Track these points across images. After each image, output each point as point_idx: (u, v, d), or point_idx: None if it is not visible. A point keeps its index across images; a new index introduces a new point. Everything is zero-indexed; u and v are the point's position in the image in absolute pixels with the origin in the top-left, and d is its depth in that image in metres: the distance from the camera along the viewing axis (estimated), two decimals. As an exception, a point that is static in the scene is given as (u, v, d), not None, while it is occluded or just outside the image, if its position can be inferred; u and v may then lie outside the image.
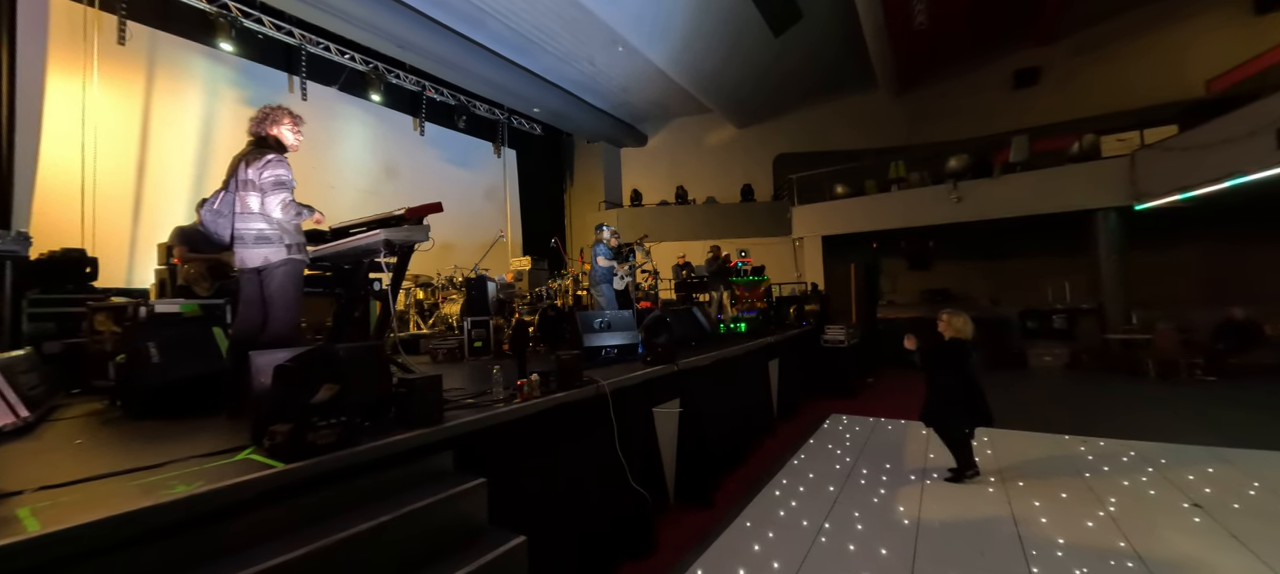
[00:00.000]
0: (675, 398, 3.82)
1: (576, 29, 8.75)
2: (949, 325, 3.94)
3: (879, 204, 10.94)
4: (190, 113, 6.92)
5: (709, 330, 5.68)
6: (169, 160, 6.61)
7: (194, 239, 4.09)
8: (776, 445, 5.15)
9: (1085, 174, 9.00)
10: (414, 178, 9.73)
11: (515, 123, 11.97)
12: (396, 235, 2.89)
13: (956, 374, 3.88)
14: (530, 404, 2.55)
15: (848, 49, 10.80)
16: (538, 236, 11.45)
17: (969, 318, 3.96)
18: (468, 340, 5.07)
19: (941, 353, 3.97)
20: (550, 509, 2.55)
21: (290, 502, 1.68)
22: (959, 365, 3.88)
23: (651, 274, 8.19)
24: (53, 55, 5.73)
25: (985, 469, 4.16)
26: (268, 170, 2.62)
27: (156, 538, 1.37)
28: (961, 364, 3.87)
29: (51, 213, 5.57)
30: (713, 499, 3.80)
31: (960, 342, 3.90)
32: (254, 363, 2.03)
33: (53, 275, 4.36)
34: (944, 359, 3.95)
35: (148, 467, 1.75)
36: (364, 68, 8.72)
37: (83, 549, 1.25)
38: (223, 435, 2.17)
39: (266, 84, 7.67)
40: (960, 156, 10.10)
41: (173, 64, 6.76)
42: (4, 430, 2.33)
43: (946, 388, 3.94)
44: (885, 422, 5.83)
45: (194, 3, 6.79)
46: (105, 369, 3.23)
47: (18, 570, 1.16)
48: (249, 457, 1.83)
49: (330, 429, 1.82)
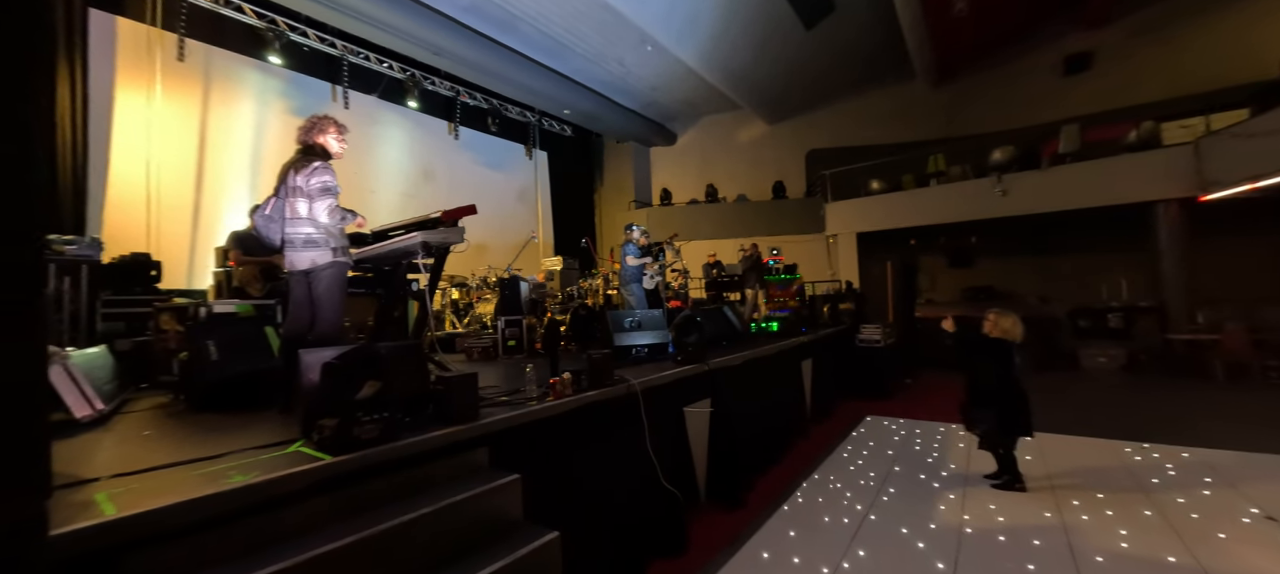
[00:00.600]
0: (706, 397, 3.81)
1: (605, 30, 8.81)
2: (995, 325, 3.75)
3: (917, 199, 10.58)
4: (243, 123, 7.31)
5: (740, 330, 5.62)
6: (224, 169, 7.00)
7: (248, 243, 4.32)
8: (810, 447, 5.06)
9: (1144, 164, 8.46)
10: (450, 181, 10.00)
11: (546, 125, 12.15)
12: (433, 237, 2.99)
13: (997, 373, 3.71)
14: (563, 402, 2.59)
15: (883, 39, 10.49)
16: (568, 237, 11.58)
17: (1018, 319, 3.76)
18: (501, 339, 5.18)
19: (980, 347, 3.78)
20: (582, 506, 2.59)
21: (337, 493, 1.76)
22: (1001, 365, 3.70)
23: (681, 273, 8.16)
24: (120, 74, 6.16)
25: (1033, 476, 3.97)
26: (314, 177, 2.75)
27: (218, 524, 1.46)
28: (1004, 365, 3.70)
29: (120, 220, 5.99)
30: (744, 500, 3.76)
31: (1004, 343, 3.72)
32: (303, 360, 2.13)
33: (122, 278, 4.68)
34: (982, 354, 3.77)
35: (208, 457, 1.87)
36: (401, 75, 9.02)
37: (153, 533, 1.35)
38: (275, 429, 2.29)
39: (312, 94, 8.02)
40: (1005, 148, 9.66)
41: (227, 78, 7.15)
42: (82, 421, 2.52)
43: (980, 386, 3.78)
44: (924, 424, 5.65)
45: (246, 19, 7.16)
46: (170, 365, 3.45)
47: (96, 551, 1.26)
48: (299, 449, 1.92)
49: (373, 424, 1.90)
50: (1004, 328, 3.71)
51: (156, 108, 6.36)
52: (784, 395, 5.32)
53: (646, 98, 11.95)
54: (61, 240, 4.46)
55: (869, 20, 9.93)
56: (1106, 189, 8.62)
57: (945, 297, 11.52)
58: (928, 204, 10.38)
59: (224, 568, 1.40)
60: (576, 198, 13.11)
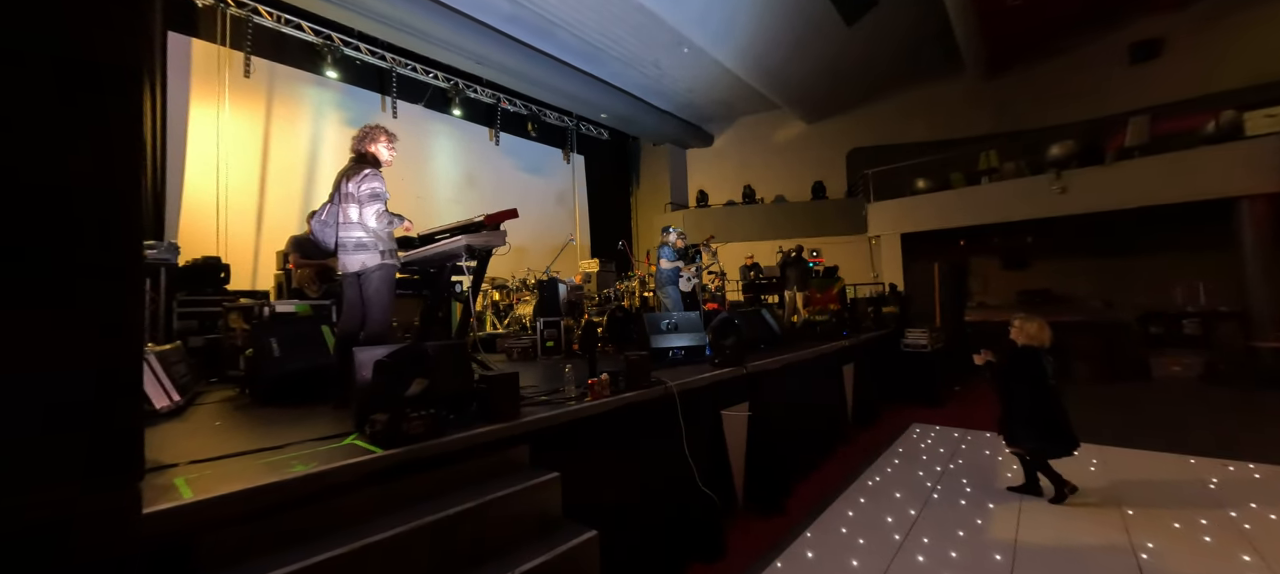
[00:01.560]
0: (744, 401, 3.76)
1: (641, 33, 8.86)
2: (1021, 331, 3.61)
3: (967, 198, 10.11)
4: (301, 133, 7.75)
5: (779, 333, 5.53)
6: (284, 176, 7.44)
7: (305, 247, 4.58)
8: (853, 454, 4.92)
9: (1225, 156, 7.79)
10: (491, 186, 10.28)
11: (583, 129, 12.31)
12: (477, 240, 3.08)
13: (1029, 387, 3.54)
14: (601, 403, 2.62)
15: (929, 32, 10.10)
16: (605, 239, 11.68)
17: (1045, 323, 3.60)
18: (540, 340, 5.28)
19: (1012, 367, 3.64)
20: (620, 506, 2.60)
21: (387, 485, 1.84)
22: (1032, 377, 3.53)
23: (718, 275, 8.10)
24: (194, 90, 6.65)
25: (1099, 493, 3.73)
26: (365, 183, 2.89)
27: (282, 510, 1.56)
28: (1035, 375, 3.52)
29: (193, 225, 6.46)
30: (784, 506, 3.69)
31: (1032, 350, 3.55)
32: (357, 358, 2.24)
33: (195, 279, 5.04)
34: (1015, 372, 3.62)
35: (272, 447, 2.00)
36: (445, 85, 9.35)
37: (225, 516, 1.45)
38: (331, 422, 2.42)
39: (363, 104, 8.43)
40: (1064, 143, 9.11)
41: (287, 92, 7.61)
42: (161, 412, 2.74)
43: (1018, 402, 3.61)
44: (975, 433, 5.39)
45: (304, 36, 7.60)
46: (237, 361, 3.70)
47: (176, 530, 1.36)
48: (353, 442, 2.03)
49: (420, 420, 1.98)
50: (1029, 333, 3.57)
51: (225, 121, 6.84)
52: (824, 400, 5.20)
53: (682, 100, 11.93)
54: (144, 245, 4.85)
55: (914, 13, 9.58)
56: (1182, 185, 7.99)
57: (998, 299, 10.96)
58: (979, 203, 9.90)
59: (287, 551, 1.48)
60: (613, 201, 13.23)
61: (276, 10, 7.24)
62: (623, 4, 7.83)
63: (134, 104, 1.04)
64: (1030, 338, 3.57)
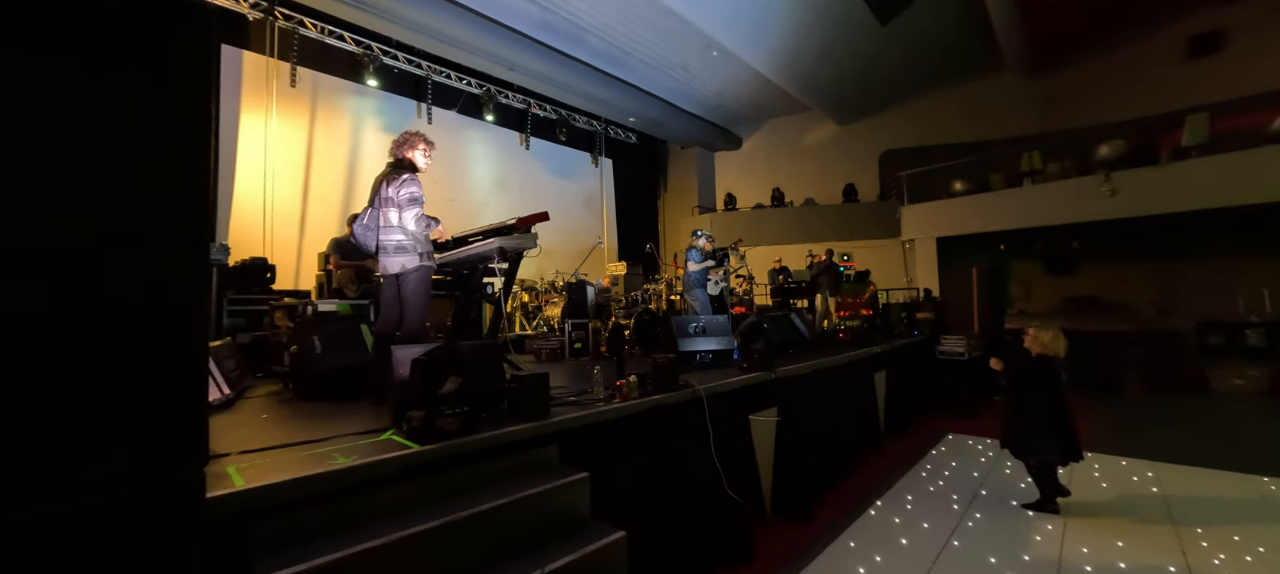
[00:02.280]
0: (773, 406, 3.72)
1: (671, 37, 8.88)
2: (1035, 340, 3.56)
3: (1007, 200, 9.74)
4: (342, 140, 8.06)
5: (808, 338, 5.44)
6: (326, 181, 7.75)
7: (345, 249, 4.76)
8: (884, 463, 4.79)
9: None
10: (521, 189, 10.46)
11: (612, 133, 12.40)
12: (509, 243, 3.15)
13: (1043, 396, 3.48)
14: (629, 405, 2.64)
15: (967, 30, 9.79)
16: (633, 242, 11.72)
17: (1060, 332, 3.55)
18: (568, 341, 5.34)
19: (1028, 373, 3.58)
20: (647, 509, 2.61)
21: (422, 479, 1.90)
22: (1046, 386, 3.47)
23: (746, 279, 8.02)
24: (244, 99, 7.01)
25: (1152, 510, 3.53)
26: (403, 188, 2.99)
27: (325, 500, 1.63)
28: (1048, 385, 3.47)
29: (242, 228, 6.80)
30: (812, 514, 3.63)
31: (1047, 359, 3.50)
32: (395, 356, 2.32)
33: (244, 279, 5.30)
34: (1030, 379, 3.56)
35: (315, 440, 2.08)
36: (478, 91, 9.57)
37: (274, 504, 1.53)
38: (369, 417, 2.51)
39: (400, 111, 8.71)
40: (1114, 142, 8.68)
41: (330, 100, 7.93)
42: (213, 404, 2.89)
43: (1030, 411, 3.54)
44: (1016, 445, 5.18)
45: (346, 46, 7.91)
46: (282, 357, 3.86)
47: (230, 515, 1.44)
48: (390, 437, 2.10)
49: (454, 418, 2.03)
50: (1044, 342, 3.52)
51: (272, 128, 7.17)
52: (855, 408, 5.09)
53: (711, 103, 11.89)
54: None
55: (951, 10, 9.31)
56: (1245, 186, 7.51)
57: (1041, 306, 10.51)
58: (1020, 205, 9.53)
59: (331, 540, 1.55)
60: (640, 204, 13.27)
61: (321, 22, 7.55)
62: (652, 8, 7.87)
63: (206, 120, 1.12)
64: (1045, 347, 3.53)
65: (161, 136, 1.05)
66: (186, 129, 1.07)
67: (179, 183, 1.06)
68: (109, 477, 0.97)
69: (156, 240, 1.05)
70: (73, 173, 0.95)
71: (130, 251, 1.00)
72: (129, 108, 1.01)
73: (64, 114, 0.95)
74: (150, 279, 1.03)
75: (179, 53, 1.06)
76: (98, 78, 0.97)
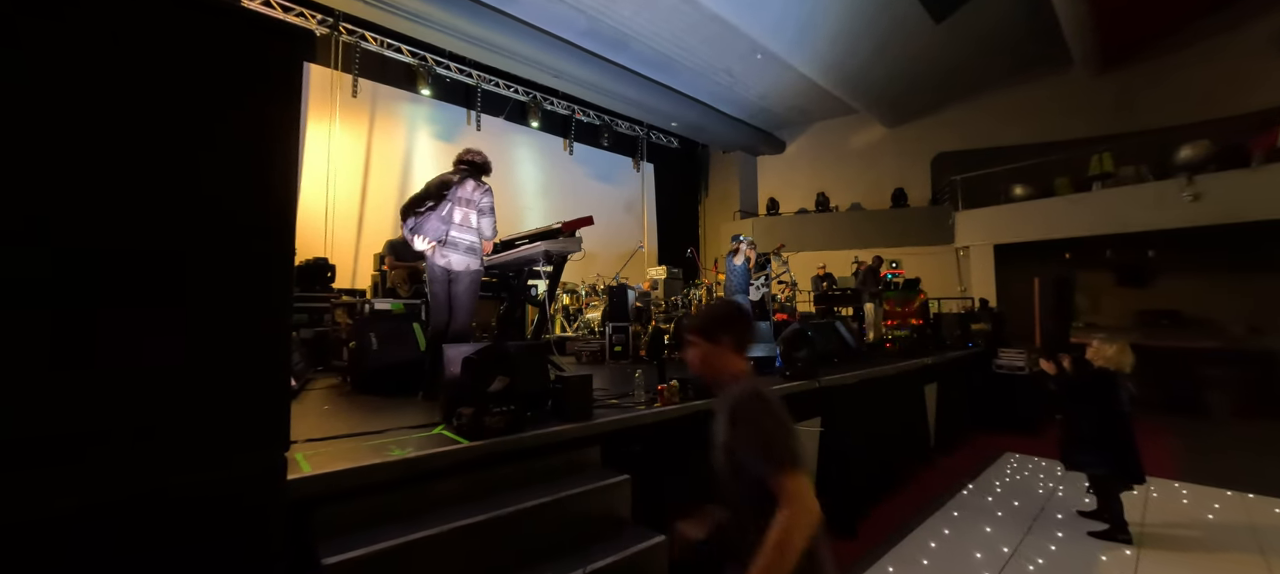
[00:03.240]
0: (816, 416, 3.63)
1: (715, 42, 8.85)
2: (1099, 353, 3.40)
3: (1074, 206, 9.13)
4: (397, 146, 8.46)
5: (854, 347, 5.28)
6: (382, 185, 8.16)
7: (400, 250, 4.99)
8: (934, 480, 4.59)
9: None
10: (563, 194, 10.66)
11: (653, 138, 12.46)
12: (554, 247, 3.22)
13: (1099, 410, 3.33)
14: (670, 409, 2.64)
15: (1030, 25, 9.27)
16: (673, 247, 11.71)
17: (1126, 346, 3.37)
18: (608, 344, 5.39)
19: (1081, 385, 3.45)
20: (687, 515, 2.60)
21: (471, 474, 1.97)
22: (1103, 401, 3.32)
23: (789, 285, 7.86)
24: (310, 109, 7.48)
25: (1239, 543, 3.22)
26: (487, 196, 3.17)
27: (382, 489, 1.71)
28: (1106, 400, 3.31)
29: (305, 230, 7.24)
30: (856, 529, 3.52)
31: (1108, 373, 3.33)
32: (447, 354, 2.42)
33: (307, 278, 5.65)
34: (1085, 392, 3.42)
35: (373, 431, 2.20)
36: (525, 98, 9.85)
37: (337, 489, 1.62)
38: (421, 412, 2.62)
39: (451, 119, 9.06)
40: (1197, 143, 8.01)
41: (387, 109, 8.35)
42: (281, 395, 3.09)
43: (1083, 423, 3.41)
44: (1082, 468, 4.84)
45: (403, 58, 8.32)
46: (341, 352, 4.09)
47: (299, 499, 1.54)
48: (441, 432, 2.18)
49: (501, 415, 2.10)
50: (1108, 356, 3.36)
51: (335, 136, 7.62)
52: (904, 421, 4.90)
53: (755, 107, 11.76)
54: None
55: (1011, 6, 8.84)
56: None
57: (1112, 320, 9.77)
58: (1090, 211, 8.91)
59: (387, 527, 1.63)
60: (681, 208, 13.25)
61: (381, 35, 7.97)
62: (697, 14, 7.87)
63: (294, 136, 1.23)
64: (1108, 361, 3.37)
65: (259, 147, 1.16)
66: (278, 140, 1.17)
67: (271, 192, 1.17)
68: (208, 456, 1.08)
69: (255, 245, 1.16)
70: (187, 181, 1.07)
71: (232, 255, 1.12)
72: (230, 120, 1.12)
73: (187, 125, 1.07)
74: (251, 281, 1.14)
75: (275, 70, 1.16)
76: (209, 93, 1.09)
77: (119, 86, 1.01)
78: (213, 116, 1.11)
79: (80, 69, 0.97)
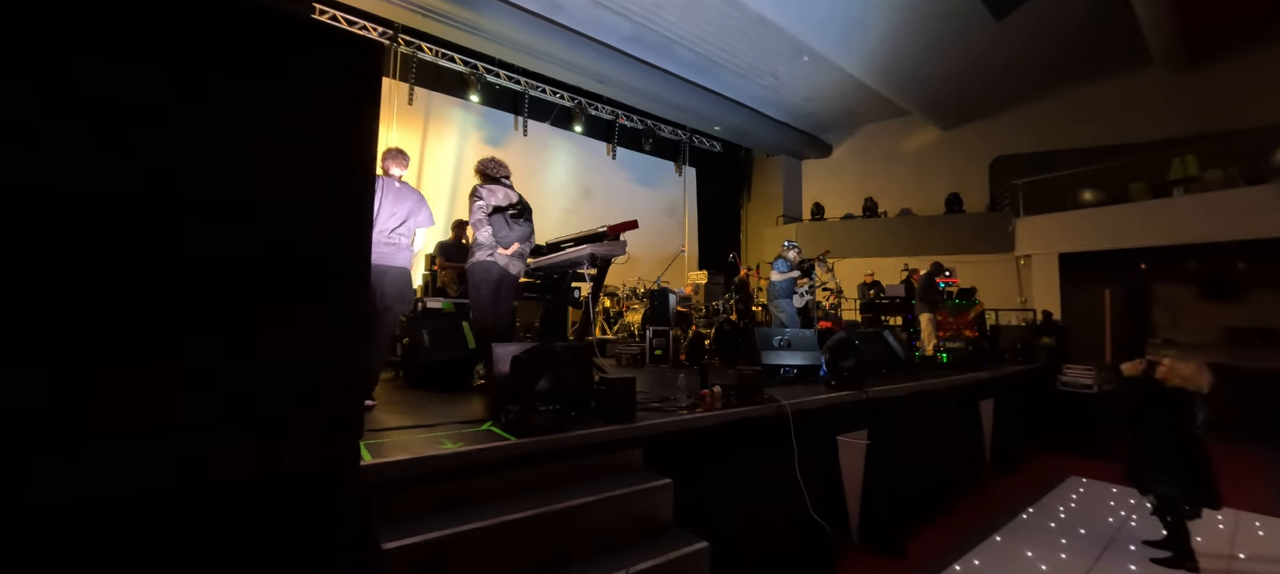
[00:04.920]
0: (863, 428, 3.52)
1: (760, 44, 8.74)
2: (1172, 372, 3.20)
3: (1152, 212, 8.47)
4: (448, 151, 8.80)
5: (903, 358, 5.09)
6: (433, 189, 8.50)
7: (449, 251, 5.19)
8: (989, 501, 4.35)
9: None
10: (606, 198, 10.78)
11: (696, 142, 12.42)
12: (599, 250, 3.27)
13: (1169, 428, 3.14)
14: (712, 415, 2.63)
15: (1101, 20, 8.67)
16: (714, 251, 11.61)
17: (1203, 365, 3.17)
18: (649, 348, 5.40)
19: (1154, 401, 3.22)
20: (727, 522, 2.58)
21: (517, 470, 2.02)
22: (1173, 419, 3.13)
23: (834, 292, 7.66)
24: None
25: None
26: None
27: (437, 480, 1.79)
28: (1177, 418, 3.12)
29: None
30: (905, 548, 3.38)
31: (1183, 392, 3.14)
32: (495, 352, 2.49)
33: (365, 277, 5.94)
34: (1157, 410, 3.21)
35: (426, 425, 2.29)
36: (569, 103, 10.04)
37: (396, 478, 1.70)
38: (469, 408, 2.71)
39: (498, 125, 9.35)
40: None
41: (439, 115, 8.70)
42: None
43: (1150, 440, 3.22)
44: (1158, 497, 4.46)
45: (455, 66, 8.66)
46: (395, 348, 4.28)
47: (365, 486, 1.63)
48: (489, 428, 2.25)
49: (547, 414, 2.15)
50: (1185, 375, 3.16)
51: (391, 141, 8.00)
52: (956, 437, 4.67)
53: (800, 110, 11.53)
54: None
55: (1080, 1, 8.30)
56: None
57: (1195, 337, 8.98)
58: (1170, 218, 8.25)
59: (439, 516, 1.70)
60: (723, 213, 13.14)
61: (435, 45, 8.33)
62: (742, 16, 7.81)
63: (374, 144, 1.34)
64: (1185, 381, 3.17)
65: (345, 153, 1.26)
66: (361, 147, 1.27)
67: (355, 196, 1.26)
68: (300, 441, 1.17)
69: (346, 247, 1.27)
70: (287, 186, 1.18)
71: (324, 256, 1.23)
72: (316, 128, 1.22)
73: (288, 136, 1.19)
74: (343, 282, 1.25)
75: (357, 81, 1.25)
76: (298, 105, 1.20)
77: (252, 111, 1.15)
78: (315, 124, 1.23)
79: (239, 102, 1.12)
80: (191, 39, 1.08)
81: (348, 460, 1.26)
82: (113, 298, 0.99)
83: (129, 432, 1.00)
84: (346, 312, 1.25)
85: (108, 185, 0.98)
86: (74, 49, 0.97)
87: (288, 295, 1.19)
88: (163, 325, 1.03)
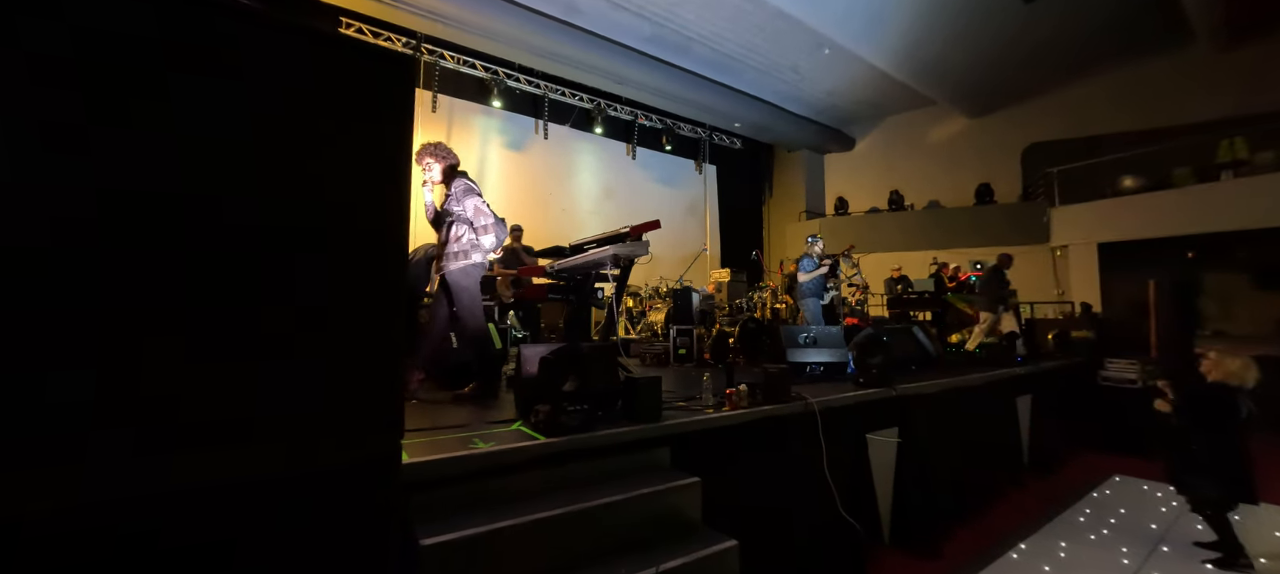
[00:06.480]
0: (893, 426, 3.46)
1: (780, 39, 8.65)
2: (1217, 366, 3.11)
3: (1199, 199, 8.09)
4: (470, 156, 8.96)
5: (933, 354, 4.97)
6: (457, 195, 8.66)
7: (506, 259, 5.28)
8: (1027, 502, 4.22)
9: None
10: (627, 198, 10.81)
11: (716, 140, 12.36)
12: (622, 250, 3.29)
13: (1215, 429, 3.07)
14: (739, 413, 2.62)
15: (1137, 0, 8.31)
16: (736, 249, 11.55)
17: (1250, 362, 3.07)
18: (673, 347, 5.40)
19: (1201, 403, 3.14)
20: (755, 520, 2.56)
21: (547, 469, 2.05)
22: (1221, 419, 3.04)
23: (860, 288, 7.53)
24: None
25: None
26: None
27: (469, 479, 1.83)
28: (1225, 417, 3.03)
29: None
30: (940, 550, 3.31)
31: (1228, 388, 3.04)
32: (523, 353, 2.53)
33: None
34: (1204, 411, 3.13)
35: (457, 426, 2.34)
36: (589, 105, 10.10)
37: (431, 477, 1.75)
38: (497, 408, 2.76)
39: (519, 128, 9.47)
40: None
41: (462, 121, 8.86)
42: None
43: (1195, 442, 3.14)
44: (1211, 496, 4.26)
45: (477, 72, 8.81)
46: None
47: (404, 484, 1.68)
48: (519, 428, 2.29)
49: (574, 414, 2.17)
50: (1231, 370, 3.08)
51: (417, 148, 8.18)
52: (991, 435, 4.55)
53: (822, 104, 11.36)
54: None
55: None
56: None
57: (1248, 328, 8.52)
58: (1218, 204, 7.87)
59: (472, 514, 1.74)
60: (744, 210, 13.04)
61: (457, 53, 8.48)
62: (761, 12, 7.74)
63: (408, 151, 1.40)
64: (1230, 375, 3.07)
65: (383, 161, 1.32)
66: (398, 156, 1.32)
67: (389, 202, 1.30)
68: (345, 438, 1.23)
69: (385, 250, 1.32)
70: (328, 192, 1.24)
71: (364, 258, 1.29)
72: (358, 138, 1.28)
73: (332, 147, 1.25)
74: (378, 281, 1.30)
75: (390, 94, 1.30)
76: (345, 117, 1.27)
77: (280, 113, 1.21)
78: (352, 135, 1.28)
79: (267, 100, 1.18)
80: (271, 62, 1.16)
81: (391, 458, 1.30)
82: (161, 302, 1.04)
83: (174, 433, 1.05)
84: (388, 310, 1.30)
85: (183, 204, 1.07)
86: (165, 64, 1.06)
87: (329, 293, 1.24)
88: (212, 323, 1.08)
